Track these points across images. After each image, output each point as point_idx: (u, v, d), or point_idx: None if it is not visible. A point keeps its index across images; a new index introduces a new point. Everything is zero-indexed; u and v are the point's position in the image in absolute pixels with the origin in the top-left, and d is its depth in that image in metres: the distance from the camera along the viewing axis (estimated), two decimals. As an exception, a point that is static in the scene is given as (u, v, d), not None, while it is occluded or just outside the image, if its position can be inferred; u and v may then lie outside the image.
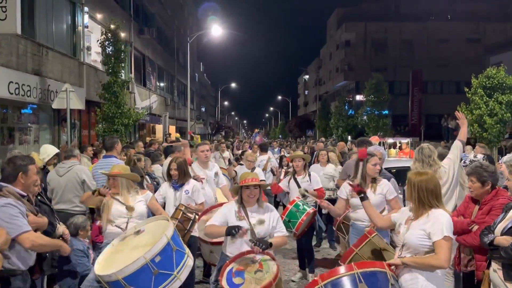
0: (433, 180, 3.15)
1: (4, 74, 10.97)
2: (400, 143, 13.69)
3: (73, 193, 5.69)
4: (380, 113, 32.02)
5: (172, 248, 3.31)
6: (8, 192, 3.27)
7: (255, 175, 3.95)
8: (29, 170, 3.42)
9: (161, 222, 3.79)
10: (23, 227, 3.18)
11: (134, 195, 4.33)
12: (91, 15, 17.36)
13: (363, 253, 3.69)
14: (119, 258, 3.46)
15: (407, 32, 44.04)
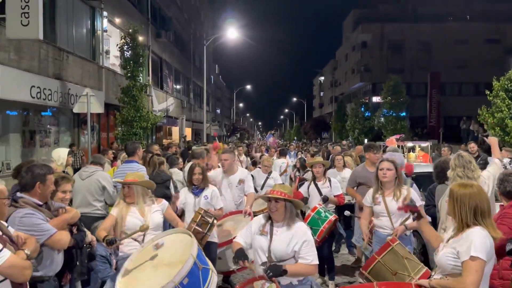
0: (480, 195, 2.78)
1: (26, 78, 11.19)
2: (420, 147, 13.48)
3: (93, 197, 5.77)
4: (398, 115, 31.66)
5: (198, 267, 3.21)
6: (25, 202, 3.30)
7: (284, 188, 3.49)
8: (47, 179, 3.42)
9: (183, 237, 3.59)
10: (50, 230, 3.25)
11: (149, 204, 4.15)
12: (110, 19, 17.60)
13: (385, 261, 3.65)
14: (142, 278, 3.33)
15: (424, 33, 43.47)
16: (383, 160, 4.62)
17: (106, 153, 9.26)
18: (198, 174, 5.09)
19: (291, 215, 3.42)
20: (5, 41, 10.27)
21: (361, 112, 37.74)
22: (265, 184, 7.85)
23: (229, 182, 5.94)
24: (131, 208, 4.07)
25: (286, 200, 3.36)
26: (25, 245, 2.90)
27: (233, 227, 5.23)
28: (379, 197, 4.56)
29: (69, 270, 3.64)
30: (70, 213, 3.59)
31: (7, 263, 2.60)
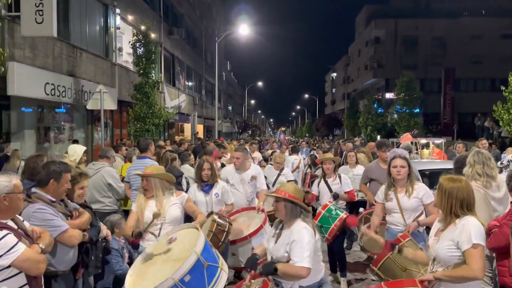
0: (467, 188, 2.92)
1: (41, 75, 11.34)
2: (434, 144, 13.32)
3: (100, 194, 5.81)
4: (411, 111, 31.37)
5: (203, 265, 3.07)
6: (37, 198, 3.34)
7: (287, 187, 3.39)
8: (62, 177, 3.44)
9: (192, 232, 3.53)
10: (62, 226, 3.29)
11: (168, 197, 4.09)
12: (122, 17, 17.72)
13: (395, 257, 3.63)
14: (150, 272, 3.31)
15: (438, 28, 42.89)
16: (396, 157, 4.56)
17: (119, 149, 9.34)
18: (207, 170, 5.08)
19: (291, 215, 3.31)
20: (20, 38, 10.41)
21: (374, 109, 37.47)
22: (276, 181, 7.85)
23: (241, 178, 5.95)
24: (149, 202, 4.06)
25: (285, 200, 3.29)
26: (40, 239, 2.95)
27: (247, 223, 5.23)
28: (391, 193, 4.53)
29: (83, 264, 3.68)
30: (82, 219, 3.60)
31: (22, 256, 2.66)
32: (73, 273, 3.58)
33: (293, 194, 3.31)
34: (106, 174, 5.84)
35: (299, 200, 3.32)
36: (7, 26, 9.95)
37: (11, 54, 9.91)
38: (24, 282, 2.74)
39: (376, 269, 3.71)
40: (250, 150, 11.88)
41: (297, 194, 3.33)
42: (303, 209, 3.33)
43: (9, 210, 2.79)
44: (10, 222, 2.81)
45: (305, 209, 3.33)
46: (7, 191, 2.74)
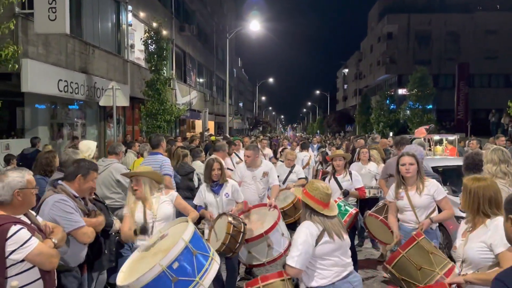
0: (493, 187, 2.85)
1: (54, 72, 11.45)
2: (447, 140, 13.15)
3: (109, 190, 5.84)
4: (424, 107, 31.03)
5: (192, 252, 3.05)
6: (62, 189, 3.43)
7: (307, 185, 3.38)
8: (89, 174, 3.56)
9: (182, 225, 3.53)
10: (79, 222, 3.34)
11: (157, 196, 4.06)
12: (134, 14, 17.81)
13: (410, 255, 3.58)
14: (140, 266, 3.27)
15: (452, 23, 42.31)
16: (404, 155, 4.49)
17: (133, 145, 9.42)
18: (217, 170, 5.01)
19: (303, 215, 3.34)
20: (33, 35, 10.51)
21: (386, 105, 37.14)
22: (287, 178, 7.82)
23: (253, 175, 5.94)
24: (139, 202, 4.01)
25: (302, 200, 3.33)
26: (53, 234, 2.98)
27: (260, 221, 5.21)
28: (401, 191, 4.47)
29: (96, 258, 3.70)
30: (98, 219, 3.64)
31: (35, 251, 2.68)
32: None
33: (308, 191, 3.27)
34: (114, 170, 5.85)
35: (311, 199, 3.25)
36: (20, 23, 10.05)
37: (24, 51, 10.01)
38: (37, 276, 2.77)
39: (390, 267, 3.66)
40: (261, 146, 11.88)
41: (312, 192, 3.26)
42: (312, 209, 3.23)
43: (23, 205, 2.82)
44: (23, 217, 2.84)
45: (315, 210, 3.21)
46: (20, 187, 2.77)
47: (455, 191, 6.52)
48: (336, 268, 3.22)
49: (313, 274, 3.22)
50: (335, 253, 3.21)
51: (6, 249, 2.61)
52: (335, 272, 3.22)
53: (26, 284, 2.67)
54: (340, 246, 3.22)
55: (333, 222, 3.26)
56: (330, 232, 3.19)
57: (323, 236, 3.16)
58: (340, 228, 3.27)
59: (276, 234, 4.95)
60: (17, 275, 2.67)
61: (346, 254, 3.29)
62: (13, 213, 2.77)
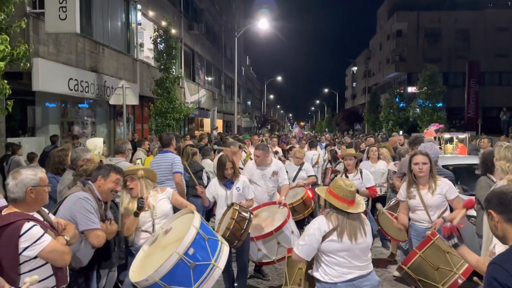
0: None
1: (64, 71, 11.53)
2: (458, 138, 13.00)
3: None
4: (434, 105, 30.79)
5: (204, 238, 3.15)
6: (89, 189, 3.50)
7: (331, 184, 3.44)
8: (109, 176, 3.60)
9: (186, 217, 3.63)
10: (95, 224, 3.37)
11: (154, 194, 4.10)
12: (143, 13, 17.88)
13: (426, 255, 3.54)
14: (151, 261, 3.32)
15: (462, 20, 41.86)
16: (417, 154, 4.46)
17: (142, 144, 9.47)
18: (230, 169, 5.03)
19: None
20: (44, 35, 10.60)
21: (396, 103, 36.89)
22: (297, 176, 7.81)
23: (262, 173, 5.93)
24: (134, 201, 3.99)
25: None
26: (65, 231, 3.01)
27: (270, 218, 5.22)
28: (413, 190, 4.43)
29: (105, 255, 3.72)
30: (112, 227, 3.65)
31: (48, 247, 2.71)
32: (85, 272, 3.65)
33: (332, 190, 3.27)
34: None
35: (336, 197, 3.21)
36: (31, 23, 10.14)
37: (35, 50, 10.09)
38: (50, 273, 2.81)
39: (406, 268, 3.61)
40: (270, 144, 11.87)
41: (335, 191, 3.24)
42: (336, 208, 3.21)
43: (35, 202, 2.85)
44: (36, 214, 2.87)
45: (338, 208, 3.20)
46: (33, 184, 2.80)
47: (466, 190, 6.45)
48: (339, 268, 3.18)
49: (318, 267, 3.27)
50: (340, 253, 3.17)
51: (19, 246, 2.64)
52: (338, 272, 3.18)
53: (39, 280, 2.69)
54: (348, 248, 3.16)
55: (352, 222, 3.19)
56: (342, 231, 3.16)
57: (332, 234, 3.15)
58: (358, 230, 3.18)
59: (286, 232, 4.96)
60: (30, 271, 2.70)
61: (356, 257, 3.20)
62: (26, 210, 2.80)
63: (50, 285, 2.81)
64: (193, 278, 3.04)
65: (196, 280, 3.05)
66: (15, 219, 2.69)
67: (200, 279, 3.06)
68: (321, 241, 3.16)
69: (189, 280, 3.04)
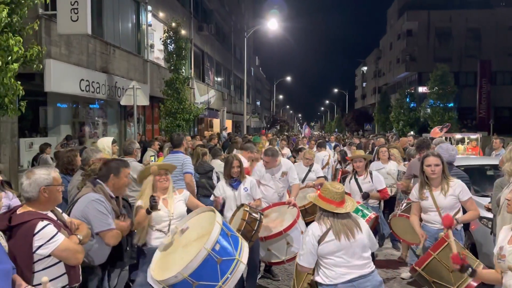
0: None
1: (76, 72, 11.65)
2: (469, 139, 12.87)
3: (129, 189, 5.86)
4: (445, 105, 30.55)
5: (227, 234, 3.23)
6: (100, 189, 3.52)
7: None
8: (121, 172, 3.63)
9: (205, 214, 3.67)
10: (110, 225, 3.42)
11: (172, 196, 4.15)
12: (154, 14, 17.98)
13: (441, 257, 3.50)
14: (174, 259, 3.33)
15: (473, 19, 41.42)
16: (428, 156, 4.41)
17: (152, 144, 9.53)
18: (236, 167, 5.07)
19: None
20: (56, 36, 10.72)
21: (406, 103, 36.63)
22: (306, 177, 7.79)
23: (272, 174, 5.93)
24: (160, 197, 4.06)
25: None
26: (78, 230, 3.05)
27: (280, 219, 5.22)
28: (426, 192, 4.39)
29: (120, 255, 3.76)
30: (127, 222, 3.70)
31: (61, 246, 2.75)
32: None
33: (321, 194, 3.30)
34: (131, 169, 5.85)
35: (323, 199, 3.26)
36: (44, 24, 10.25)
37: (47, 52, 10.21)
38: (63, 271, 2.84)
39: (419, 270, 3.58)
40: (280, 145, 11.87)
41: (323, 193, 3.28)
42: (324, 210, 3.25)
43: (49, 201, 2.89)
44: (50, 213, 2.91)
45: (326, 210, 3.23)
46: (46, 184, 2.84)
47: (478, 191, 6.39)
48: (337, 269, 3.18)
49: (318, 271, 3.30)
50: (338, 253, 3.17)
51: (33, 244, 2.68)
52: (337, 273, 3.18)
53: (52, 278, 2.73)
54: (346, 247, 3.16)
55: (344, 221, 3.21)
56: (338, 231, 3.18)
57: (327, 235, 3.17)
58: (353, 228, 3.21)
59: (295, 232, 4.95)
60: (43, 270, 2.74)
61: (355, 256, 3.19)
62: (40, 209, 2.84)
63: (63, 283, 2.85)
64: (220, 274, 3.11)
65: (223, 275, 3.13)
66: (29, 218, 2.74)
67: (226, 274, 3.14)
68: (317, 246, 3.19)
69: (216, 275, 3.10)
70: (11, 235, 2.74)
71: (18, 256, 2.66)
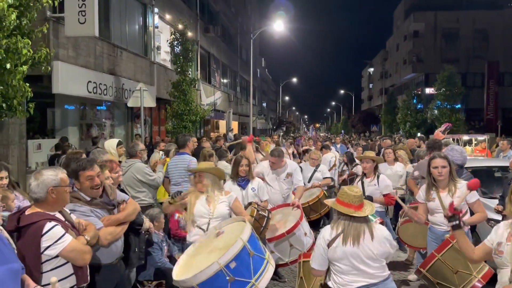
0: None
1: (83, 74, 11.73)
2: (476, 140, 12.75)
3: (134, 190, 5.90)
4: (453, 107, 30.37)
5: (249, 253, 3.03)
6: (73, 197, 3.29)
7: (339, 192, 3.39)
8: (80, 176, 3.35)
9: (238, 224, 3.57)
10: (96, 225, 3.26)
11: (218, 194, 4.13)
12: (160, 16, 18.06)
13: (445, 259, 3.50)
14: (196, 261, 3.33)
15: (481, 20, 41.16)
16: (435, 157, 4.39)
17: (158, 145, 9.56)
18: (245, 166, 5.09)
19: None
20: (64, 38, 10.80)
21: (413, 104, 36.47)
22: (312, 177, 7.79)
23: (276, 175, 5.94)
24: (201, 196, 4.11)
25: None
26: (85, 231, 3.06)
27: (283, 220, 5.23)
28: (433, 193, 4.38)
29: (127, 256, 3.77)
30: (125, 212, 3.59)
31: (68, 247, 2.77)
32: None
33: (339, 198, 3.23)
34: (135, 171, 5.86)
35: (342, 204, 3.18)
36: (51, 26, 10.33)
37: (55, 54, 10.29)
38: (71, 272, 2.86)
39: (424, 271, 3.57)
40: (286, 146, 11.87)
41: (341, 197, 3.21)
42: (342, 214, 3.18)
43: (56, 202, 2.90)
44: (57, 214, 2.93)
45: (342, 214, 3.17)
46: (54, 184, 2.85)
47: (485, 193, 6.34)
48: (345, 276, 3.11)
49: (329, 275, 3.27)
50: (345, 261, 3.10)
51: (41, 245, 2.70)
52: (344, 280, 3.12)
53: (60, 279, 2.75)
54: (352, 254, 3.08)
55: (357, 226, 3.12)
56: (346, 236, 3.10)
57: (335, 241, 3.11)
58: (363, 234, 3.10)
59: (298, 234, 4.95)
60: (51, 270, 2.76)
61: (364, 264, 3.09)
62: (48, 210, 2.86)
63: (71, 284, 2.87)
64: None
65: None
66: (37, 219, 2.76)
67: None
68: (327, 249, 3.13)
69: None
70: (19, 236, 2.77)
71: (26, 256, 2.68)
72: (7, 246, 2.46)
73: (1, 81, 5.89)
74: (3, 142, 9.47)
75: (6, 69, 5.81)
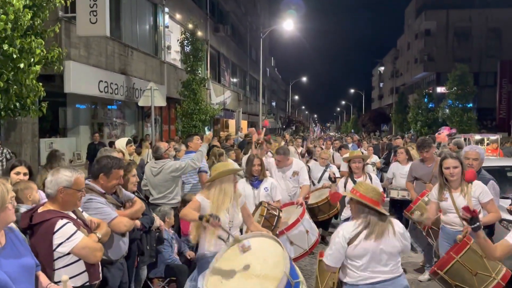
0: None
1: (95, 73, 11.83)
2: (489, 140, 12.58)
3: (167, 189, 5.90)
4: (465, 106, 30.04)
5: (291, 285, 2.89)
6: (88, 188, 3.38)
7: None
8: (112, 173, 3.48)
9: (271, 244, 3.26)
10: (111, 214, 3.38)
11: (236, 198, 3.77)
12: (171, 15, 18.13)
13: (464, 260, 3.43)
14: (230, 286, 3.06)
15: (494, 19, 40.63)
16: (447, 158, 4.34)
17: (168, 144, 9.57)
18: (257, 166, 5.12)
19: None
20: (75, 38, 10.90)
21: (424, 103, 36.09)
22: (322, 177, 7.76)
23: (283, 174, 5.94)
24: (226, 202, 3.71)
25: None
26: (97, 228, 3.09)
27: (286, 218, 5.25)
28: (445, 193, 4.35)
29: (139, 253, 3.80)
30: (132, 209, 3.66)
31: (80, 244, 2.79)
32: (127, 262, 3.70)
33: (363, 193, 3.16)
34: (168, 170, 5.79)
35: (368, 200, 3.13)
36: (63, 26, 10.44)
37: (67, 54, 10.40)
38: (83, 269, 2.88)
39: (441, 273, 3.51)
40: (295, 145, 11.86)
41: (368, 194, 3.15)
42: (372, 209, 3.12)
43: (65, 203, 2.89)
44: (69, 212, 2.95)
45: (375, 210, 3.11)
46: (65, 185, 2.85)
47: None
48: (361, 273, 3.13)
49: (343, 269, 3.25)
50: (364, 258, 3.10)
51: (53, 242, 2.73)
52: (361, 276, 3.14)
53: (72, 276, 2.78)
54: (373, 251, 3.08)
55: (383, 223, 3.12)
56: (371, 232, 3.09)
57: (357, 238, 3.09)
58: (386, 231, 3.09)
59: (298, 231, 4.93)
60: (64, 267, 2.78)
61: (380, 262, 3.11)
62: (59, 208, 2.88)
63: (83, 281, 2.89)
64: None
65: None
66: (49, 216, 2.79)
67: None
68: (346, 247, 3.12)
69: None
70: (32, 234, 2.80)
71: (39, 253, 2.71)
72: (22, 243, 2.50)
73: (15, 81, 5.96)
74: (16, 140, 9.59)
75: (20, 69, 5.89)
